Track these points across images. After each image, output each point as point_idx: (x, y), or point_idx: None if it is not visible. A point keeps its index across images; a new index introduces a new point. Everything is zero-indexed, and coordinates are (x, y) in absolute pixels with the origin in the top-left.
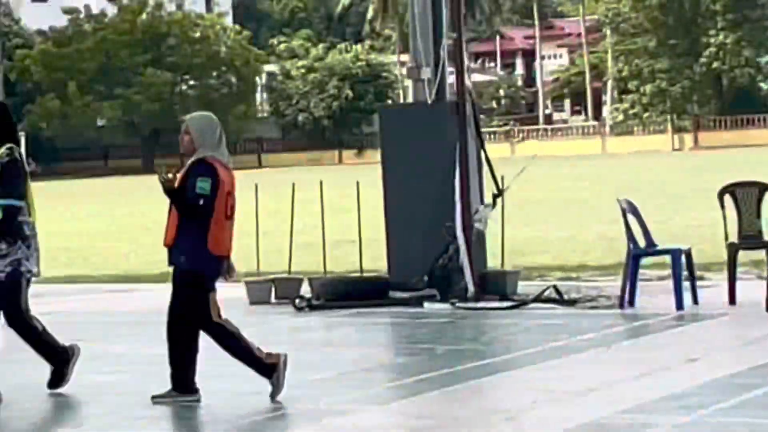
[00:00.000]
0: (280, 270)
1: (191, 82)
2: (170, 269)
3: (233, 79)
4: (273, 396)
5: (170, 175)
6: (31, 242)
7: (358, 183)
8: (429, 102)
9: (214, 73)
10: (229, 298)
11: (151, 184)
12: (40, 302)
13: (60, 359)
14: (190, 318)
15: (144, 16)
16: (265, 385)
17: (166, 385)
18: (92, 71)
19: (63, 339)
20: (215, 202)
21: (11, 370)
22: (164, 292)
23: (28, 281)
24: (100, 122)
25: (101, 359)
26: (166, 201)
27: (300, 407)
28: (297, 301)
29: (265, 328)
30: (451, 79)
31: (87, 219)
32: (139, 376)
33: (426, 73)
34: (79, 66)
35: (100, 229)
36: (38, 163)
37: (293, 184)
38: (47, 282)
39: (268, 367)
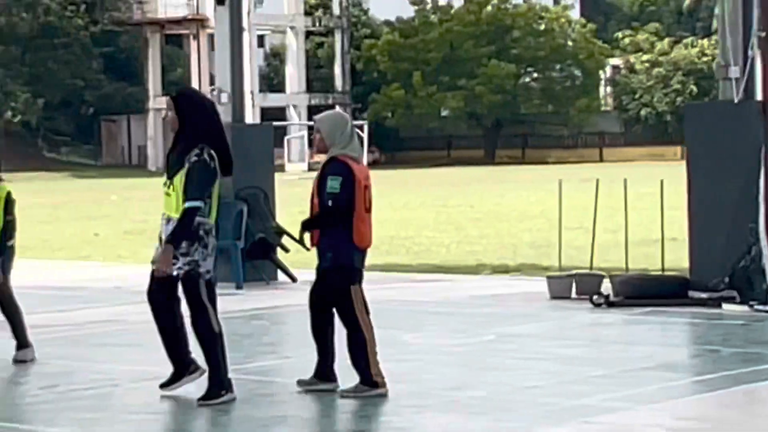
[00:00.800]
0: (586, 266)
1: (534, 75)
2: (483, 261)
3: (577, 72)
4: (342, 391)
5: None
6: (208, 243)
7: (662, 181)
8: (735, 101)
9: (558, 66)
10: (530, 292)
11: (490, 175)
12: None
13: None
14: (339, 312)
15: (489, 7)
16: (546, 380)
17: (442, 377)
18: (436, 62)
19: None
20: (354, 196)
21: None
22: (466, 284)
23: (209, 282)
24: (443, 112)
25: (393, 347)
26: (499, 194)
27: (571, 402)
28: (595, 297)
29: (561, 323)
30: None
31: (418, 208)
32: (422, 365)
33: (734, 72)
34: (423, 57)
35: (429, 218)
36: (382, 152)
37: (597, 180)
38: (365, 270)
39: (373, 382)
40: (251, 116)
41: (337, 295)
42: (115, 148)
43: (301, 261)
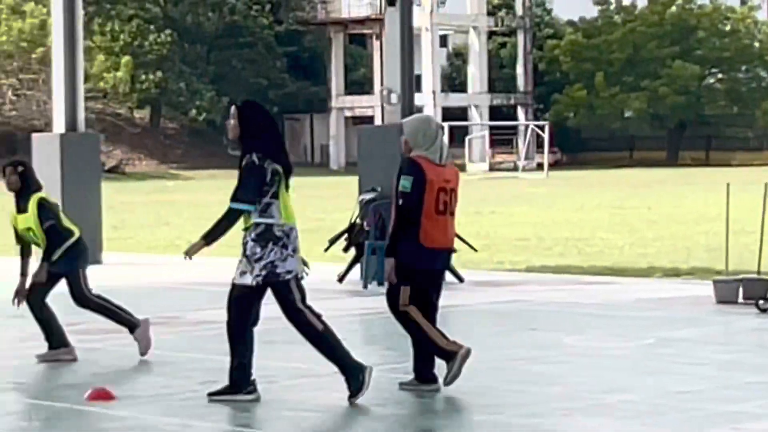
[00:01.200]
0: (753, 270)
1: (719, 76)
2: (655, 264)
3: (763, 74)
4: (445, 379)
5: None
6: (287, 243)
7: None
8: None
9: (743, 67)
10: (698, 296)
11: (672, 176)
12: (519, 290)
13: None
14: (390, 308)
15: (673, 8)
16: (701, 385)
17: (595, 380)
18: (619, 63)
19: (515, 326)
20: (424, 197)
21: None
22: (635, 287)
23: (296, 280)
24: (626, 113)
25: (551, 349)
26: (679, 196)
27: (723, 408)
28: (761, 302)
29: (725, 328)
30: None
31: (595, 209)
32: (577, 368)
33: None
34: (606, 57)
35: (605, 220)
36: (563, 152)
37: (765, 185)
38: (536, 271)
39: (449, 353)
40: (433, 115)
41: (395, 293)
42: (297, 146)
43: (472, 261)
